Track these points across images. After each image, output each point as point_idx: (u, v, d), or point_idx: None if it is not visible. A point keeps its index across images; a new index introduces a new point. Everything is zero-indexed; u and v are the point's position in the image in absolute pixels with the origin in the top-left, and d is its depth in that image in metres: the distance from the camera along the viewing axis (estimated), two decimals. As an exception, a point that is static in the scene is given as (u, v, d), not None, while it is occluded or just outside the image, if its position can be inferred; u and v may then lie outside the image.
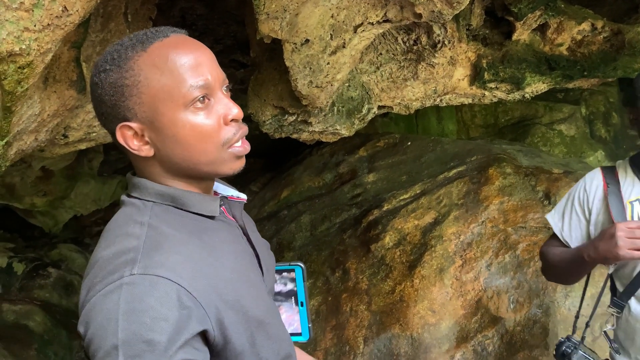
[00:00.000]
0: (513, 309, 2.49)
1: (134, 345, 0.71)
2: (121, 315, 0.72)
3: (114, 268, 0.76)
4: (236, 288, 0.83)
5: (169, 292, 0.74)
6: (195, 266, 0.79)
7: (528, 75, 3.04)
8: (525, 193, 2.86)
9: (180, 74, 0.81)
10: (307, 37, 2.27)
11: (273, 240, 3.48)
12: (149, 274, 0.74)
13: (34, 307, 3.20)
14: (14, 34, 1.43)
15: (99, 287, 0.75)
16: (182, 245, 0.80)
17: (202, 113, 0.82)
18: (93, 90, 0.86)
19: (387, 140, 3.68)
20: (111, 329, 0.71)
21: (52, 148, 2.18)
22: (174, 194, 0.85)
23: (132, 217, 0.83)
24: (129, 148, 0.84)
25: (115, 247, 0.79)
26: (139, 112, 0.82)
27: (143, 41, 0.83)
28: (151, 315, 0.72)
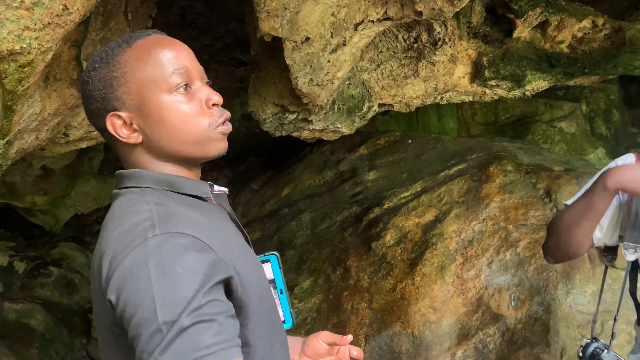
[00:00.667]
0: (514, 306, 2.49)
1: (169, 295, 0.75)
2: (153, 271, 0.76)
3: (134, 236, 0.80)
4: (243, 255, 0.89)
5: (193, 244, 0.79)
6: (208, 231, 0.84)
7: (529, 72, 3.04)
8: (526, 191, 2.86)
9: (163, 63, 0.89)
10: (307, 35, 2.27)
11: (274, 238, 3.49)
12: (172, 232, 0.79)
13: (35, 306, 3.21)
14: (15, 32, 1.43)
15: (124, 254, 0.79)
16: (189, 216, 0.85)
17: (184, 97, 0.89)
18: (84, 89, 0.93)
19: (387, 138, 3.68)
20: (145, 287, 0.75)
21: (53, 147, 2.18)
22: (170, 179, 0.90)
23: (135, 200, 0.87)
24: (119, 136, 0.89)
25: (128, 222, 0.83)
26: (127, 100, 0.88)
27: (128, 40, 0.92)
28: (181, 265, 0.77)
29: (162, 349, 0.73)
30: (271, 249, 3.42)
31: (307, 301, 2.93)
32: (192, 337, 0.74)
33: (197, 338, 0.74)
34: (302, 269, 3.15)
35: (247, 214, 3.93)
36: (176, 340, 0.73)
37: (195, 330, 0.74)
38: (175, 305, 0.74)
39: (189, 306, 0.74)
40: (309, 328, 2.81)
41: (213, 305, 0.77)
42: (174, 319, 0.74)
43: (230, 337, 0.78)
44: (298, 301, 2.95)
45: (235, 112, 4.61)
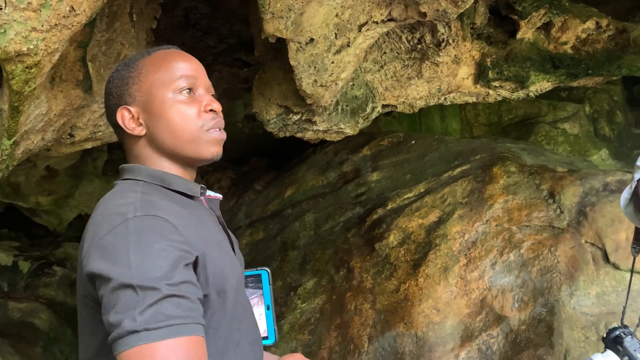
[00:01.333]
0: (518, 307, 2.50)
1: (146, 268, 0.81)
2: (132, 245, 0.82)
3: (116, 217, 0.87)
4: (217, 249, 0.95)
5: (167, 226, 0.87)
6: (184, 220, 0.91)
7: (532, 73, 3.04)
8: (529, 192, 2.86)
9: (172, 68, 1.00)
10: (311, 36, 2.27)
11: (277, 239, 3.49)
12: (149, 215, 0.87)
13: (39, 305, 3.22)
14: (22, 34, 1.44)
15: (105, 231, 0.86)
16: (170, 206, 0.92)
17: (186, 99, 1.00)
18: (106, 88, 1.05)
19: (391, 139, 3.68)
20: (124, 257, 0.82)
21: (58, 147, 2.19)
22: (162, 175, 0.99)
23: (126, 189, 0.96)
24: (125, 128, 0.99)
25: (114, 204, 0.91)
26: (137, 97, 1.00)
27: (149, 51, 1.05)
28: (157, 242, 0.84)
29: (141, 311, 0.78)
30: (274, 249, 3.44)
31: (310, 302, 2.93)
32: (168, 305, 0.80)
33: (172, 307, 0.80)
34: (305, 270, 3.15)
35: (250, 214, 3.93)
36: (154, 305, 0.79)
37: (171, 301, 0.80)
38: (152, 274, 0.80)
39: (165, 278, 0.81)
40: (312, 328, 2.81)
41: (186, 284, 0.84)
42: (151, 285, 0.80)
43: (199, 315, 0.85)
44: (301, 302, 2.96)
45: (239, 113, 4.62)
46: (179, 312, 0.81)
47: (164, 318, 0.79)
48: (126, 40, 2.22)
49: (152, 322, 0.78)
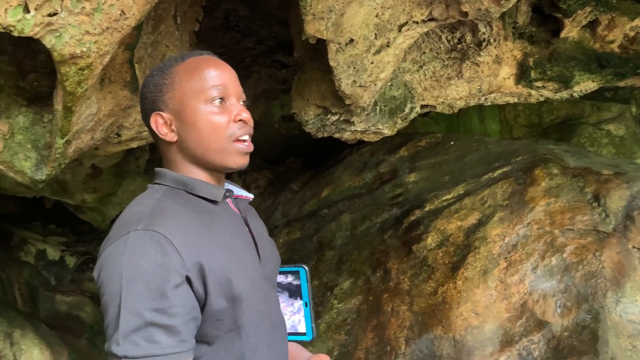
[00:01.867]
0: (560, 313, 2.43)
1: (134, 285, 0.86)
2: (125, 262, 0.88)
3: (124, 227, 0.93)
4: (224, 259, 0.97)
5: (161, 242, 0.90)
6: (187, 231, 0.94)
7: (577, 73, 2.96)
8: (573, 194, 2.78)
9: (205, 78, 1.02)
10: (351, 37, 2.28)
11: (313, 239, 3.51)
12: (149, 230, 0.91)
13: (84, 299, 3.34)
14: (76, 37, 1.50)
15: (112, 241, 0.92)
16: (180, 215, 0.96)
17: (217, 109, 1.02)
18: (141, 91, 1.09)
19: (429, 140, 3.64)
20: (117, 273, 0.87)
21: (106, 146, 2.27)
22: (185, 180, 1.03)
23: (148, 194, 1.01)
24: (158, 133, 1.03)
25: (128, 213, 0.97)
26: (170, 104, 1.03)
27: (183, 56, 1.07)
28: (148, 261, 0.88)
29: (124, 335, 0.84)
30: (311, 249, 3.46)
31: (346, 302, 2.93)
32: (149, 334, 0.85)
33: (152, 337, 0.85)
34: (341, 270, 3.16)
35: (287, 214, 3.96)
36: (135, 332, 0.84)
37: (151, 330, 0.85)
38: (139, 297, 0.85)
39: (151, 304, 0.86)
40: (348, 329, 2.82)
41: (173, 308, 0.87)
42: (136, 310, 0.85)
43: (185, 340, 0.88)
44: (338, 302, 2.97)
45: (275, 114, 4.67)
46: (157, 342, 0.85)
47: (144, 347, 0.84)
48: (170, 42, 2.28)
49: (132, 350, 0.83)
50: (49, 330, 2.96)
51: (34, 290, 3.34)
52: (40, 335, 2.82)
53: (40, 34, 1.44)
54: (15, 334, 2.71)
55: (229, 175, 1.17)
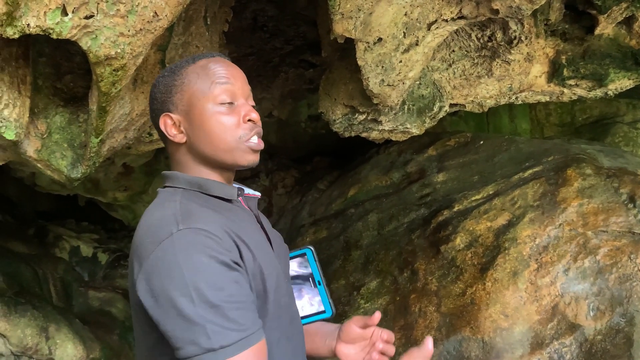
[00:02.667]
0: (593, 316, 2.38)
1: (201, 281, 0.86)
2: (182, 261, 0.87)
3: (161, 230, 0.92)
4: (255, 250, 0.99)
5: (210, 237, 0.91)
6: (222, 227, 0.95)
7: (612, 71, 2.88)
8: (607, 195, 2.71)
9: (213, 79, 1.03)
10: (380, 36, 2.27)
11: (340, 238, 3.51)
12: (192, 227, 0.91)
13: (116, 295, 3.42)
14: (111, 39, 1.54)
15: (152, 247, 0.91)
16: (208, 215, 0.97)
17: (225, 110, 1.03)
18: (151, 92, 1.10)
19: (458, 139, 3.60)
20: (177, 273, 0.87)
21: (138, 145, 2.32)
22: (199, 181, 1.03)
23: (165, 198, 1.01)
24: (167, 134, 1.04)
25: (156, 217, 0.97)
26: (179, 105, 1.03)
27: (194, 58, 1.07)
28: (204, 254, 0.88)
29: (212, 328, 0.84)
30: (337, 248, 3.46)
31: (373, 302, 2.93)
32: (231, 317, 0.86)
33: (236, 320, 0.86)
34: (368, 270, 3.15)
35: (314, 213, 3.98)
36: (221, 321, 0.85)
37: (233, 314, 0.86)
38: (209, 291, 0.86)
39: (222, 292, 0.86)
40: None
41: (239, 293, 0.89)
42: (212, 301, 0.85)
43: (257, 317, 0.91)
44: (364, 301, 2.96)
45: (302, 113, 4.69)
46: (243, 323, 0.87)
47: (234, 333, 0.85)
48: (201, 43, 2.31)
49: (225, 339, 0.84)
50: (82, 325, 3.04)
51: (68, 286, 3.44)
52: (73, 330, 2.90)
53: (77, 36, 1.48)
54: (50, 328, 2.79)
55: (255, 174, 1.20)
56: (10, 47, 1.63)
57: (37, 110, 1.82)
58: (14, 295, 2.83)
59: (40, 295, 3.11)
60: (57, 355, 2.76)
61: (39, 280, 3.22)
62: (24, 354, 2.68)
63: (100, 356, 2.96)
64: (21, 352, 2.67)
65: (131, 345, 3.25)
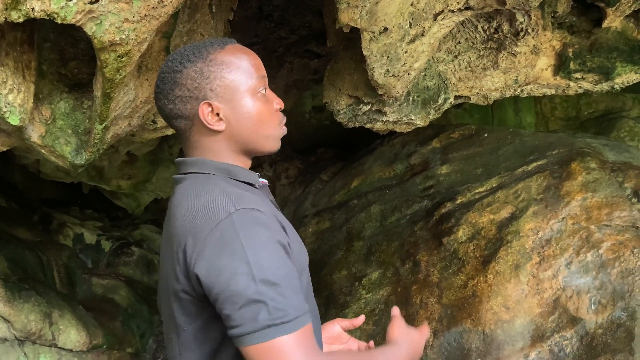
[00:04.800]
0: (594, 310, 2.38)
1: (261, 259, 0.88)
2: (243, 239, 0.89)
3: (216, 212, 0.92)
4: (290, 235, 1.01)
5: (265, 217, 0.94)
6: (268, 209, 0.98)
7: (619, 64, 2.86)
8: (611, 190, 2.70)
9: (251, 69, 1.05)
10: (385, 26, 2.26)
11: (343, 229, 3.51)
12: (249, 207, 0.93)
13: (119, 283, 3.44)
14: (116, 24, 1.53)
15: (210, 226, 0.91)
16: (252, 197, 0.98)
17: (264, 99, 1.06)
18: (172, 77, 1.04)
19: (462, 132, 3.59)
20: (239, 252, 0.88)
21: (142, 133, 2.32)
22: (229, 167, 1.04)
23: (204, 182, 1.00)
24: (207, 122, 1.02)
25: (204, 200, 0.95)
26: (220, 93, 1.02)
27: (218, 43, 1.06)
28: (265, 234, 0.91)
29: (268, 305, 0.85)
30: (340, 239, 3.47)
31: (375, 292, 2.93)
32: (290, 297, 0.88)
33: (294, 299, 0.88)
34: (370, 261, 3.16)
35: (316, 203, 3.98)
36: (281, 298, 0.87)
37: (291, 292, 0.88)
38: (270, 268, 0.88)
39: (281, 271, 0.89)
40: (376, 319, 2.82)
41: (293, 271, 0.92)
42: (272, 279, 0.87)
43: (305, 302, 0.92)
44: (366, 292, 2.97)
45: (306, 104, 4.68)
46: (299, 303, 0.89)
47: (292, 310, 0.87)
48: (206, 31, 2.30)
49: (286, 315, 0.86)
50: (85, 312, 3.06)
51: (72, 273, 3.46)
52: (77, 316, 2.92)
53: (81, 21, 1.48)
54: (54, 314, 2.81)
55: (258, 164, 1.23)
56: (15, 32, 1.63)
57: (41, 96, 1.82)
58: (18, 281, 2.84)
59: (44, 282, 3.13)
60: (60, 340, 2.78)
61: (43, 267, 3.24)
62: (28, 339, 2.70)
63: (103, 342, 2.99)
64: (25, 337, 2.69)
65: (134, 332, 3.28)
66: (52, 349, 2.75)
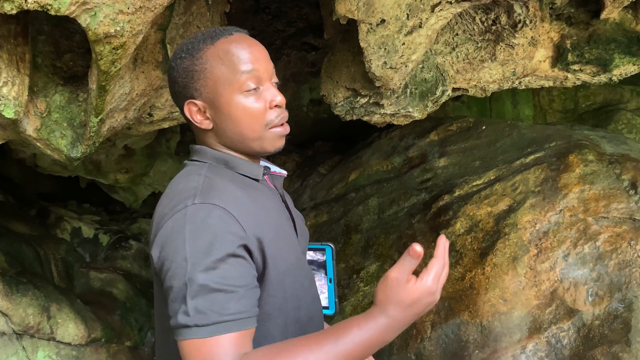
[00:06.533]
0: (592, 302, 2.38)
1: (198, 255, 0.87)
2: (187, 234, 0.88)
3: (178, 201, 0.93)
4: (274, 231, 0.99)
5: (222, 215, 0.90)
6: (242, 206, 0.95)
7: (617, 56, 2.85)
8: (608, 182, 2.70)
9: (237, 64, 0.98)
10: (383, 17, 2.25)
11: (340, 222, 3.51)
12: (207, 203, 0.91)
13: (117, 276, 3.44)
14: (110, 16, 1.52)
15: (168, 216, 0.92)
16: (231, 190, 0.96)
17: (252, 97, 1.00)
18: (169, 73, 1.06)
19: (460, 124, 3.58)
20: (180, 245, 0.88)
21: (138, 126, 2.31)
22: (227, 157, 1.02)
23: (192, 171, 1.01)
24: (193, 121, 1.02)
25: (178, 188, 0.97)
26: (203, 92, 1.00)
27: (212, 36, 1.01)
28: (211, 232, 0.88)
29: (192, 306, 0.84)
30: (338, 232, 3.47)
31: (373, 285, 2.94)
32: (215, 302, 0.85)
33: (219, 304, 0.85)
34: (368, 254, 3.16)
35: (314, 197, 3.98)
36: (202, 300, 0.85)
37: (218, 297, 0.85)
38: (203, 268, 0.86)
39: (215, 272, 0.86)
40: (374, 312, 2.83)
41: (235, 277, 0.88)
42: (202, 280, 0.85)
43: (249, 307, 0.89)
44: (364, 284, 2.97)
45: (304, 97, 4.66)
46: (227, 308, 0.85)
47: (212, 315, 0.84)
48: (202, 23, 2.29)
49: (201, 318, 0.84)
50: (83, 306, 3.06)
51: (69, 267, 3.46)
52: (75, 310, 2.92)
53: (75, 12, 1.46)
54: (52, 308, 2.81)
55: None
56: (9, 24, 1.61)
57: (36, 89, 1.81)
58: (16, 275, 2.84)
59: (41, 275, 3.12)
60: (58, 334, 2.78)
61: (41, 261, 3.24)
62: (26, 333, 2.70)
63: (101, 336, 2.99)
64: (23, 331, 2.69)
65: (132, 326, 3.28)
66: (50, 343, 2.75)
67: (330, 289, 1.26)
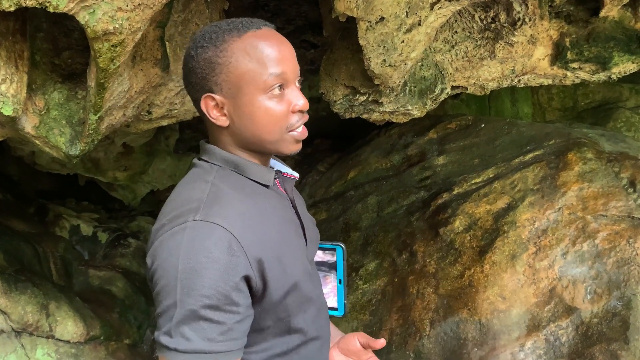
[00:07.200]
0: (590, 299, 2.39)
1: (190, 278, 0.83)
2: (182, 252, 0.85)
3: (180, 213, 0.89)
4: (279, 247, 0.95)
5: (223, 238, 0.86)
6: (246, 221, 0.91)
7: (616, 54, 2.85)
8: (607, 180, 2.71)
9: (265, 63, 0.93)
10: (382, 15, 2.24)
11: (339, 220, 3.51)
12: (208, 221, 0.87)
13: (116, 274, 3.44)
14: (109, 13, 1.52)
15: (167, 228, 0.89)
16: (237, 202, 0.92)
17: (276, 99, 0.95)
18: (187, 61, 0.99)
19: (459, 122, 3.58)
20: (173, 263, 0.85)
21: (137, 124, 2.30)
22: (237, 161, 0.98)
23: (199, 175, 0.97)
24: (209, 116, 0.97)
25: (182, 197, 0.94)
26: (224, 87, 0.94)
27: (239, 28, 0.95)
28: (206, 255, 0.84)
29: (175, 328, 0.83)
30: (337, 230, 3.46)
31: (372, 283, 2.94)
32: (202, 327, 0.83)
33: (206, 331, 0.83)
34: (367, 252, 3.16)
35: (313, 195, 3.98)
36: (187, 325, 0.83)
37: (207, 324, 0.83)
38: (194, 291, 0.83)
39: (205, 299, 0.83)
40: (373, 309, 2.83)
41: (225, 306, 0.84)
42: (190, 304, 0.83)
43: (236, 338, 0.86)
44: (363, 282, 2.98)
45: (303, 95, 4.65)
46: (212, 338, 0.83)
47: (195, 343, 0.82)
48: (201, 20, 2.28)
49: (183, 344, 0.82)
50: (82, 303, 3.06)
51: (68, 264, 3.45)
52: (74, 308, 2.92)
53: (74, 10, 1.46)
54: (50, 305, 2.81)
55: None
56: (7, 21, 1.61)
57: (34, 87, 1.80)
58: (14, 273, 2.84)
59: (40, 273, 3.12)
60: (57, 332, 2.78)
61: (39, 258, 3.24)
62: (25, 331, 2.70)
63: (100, 334, 2.99)
64: (22, 329, 2.69)
65: (131, 324, 3.28)
66: (49, 341, 2.75)
67: (340, 290, 1.24)
